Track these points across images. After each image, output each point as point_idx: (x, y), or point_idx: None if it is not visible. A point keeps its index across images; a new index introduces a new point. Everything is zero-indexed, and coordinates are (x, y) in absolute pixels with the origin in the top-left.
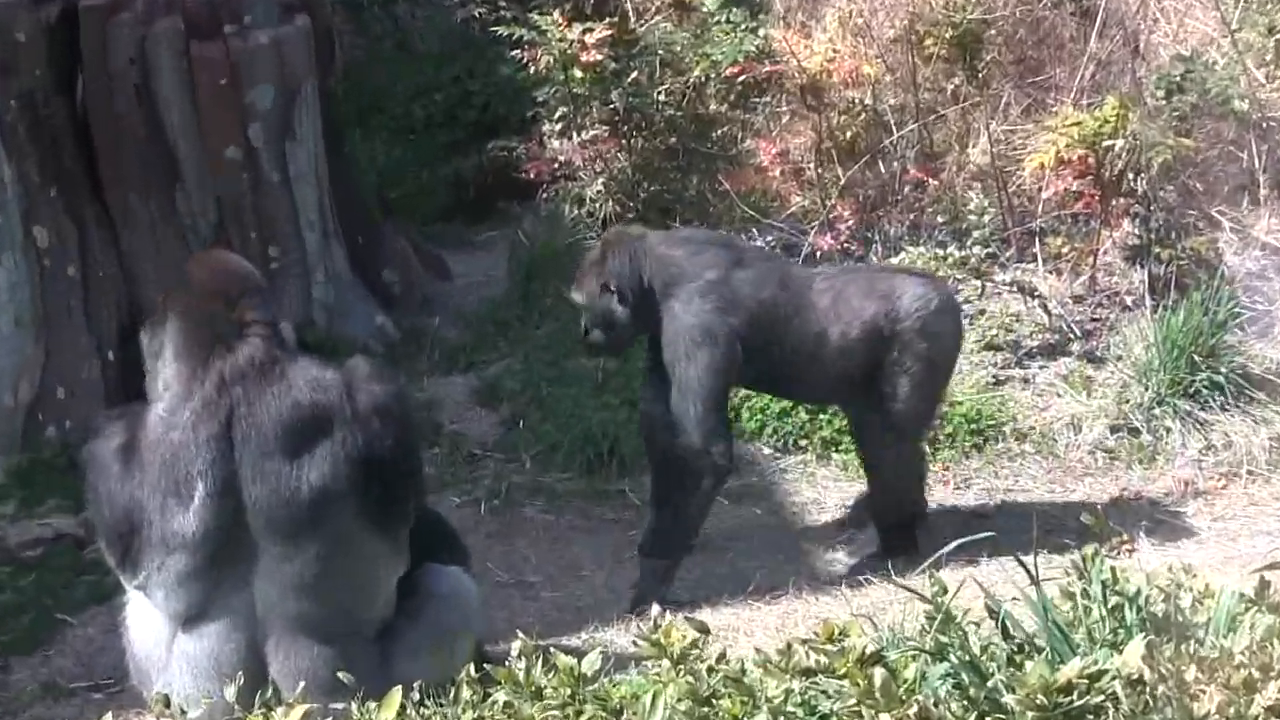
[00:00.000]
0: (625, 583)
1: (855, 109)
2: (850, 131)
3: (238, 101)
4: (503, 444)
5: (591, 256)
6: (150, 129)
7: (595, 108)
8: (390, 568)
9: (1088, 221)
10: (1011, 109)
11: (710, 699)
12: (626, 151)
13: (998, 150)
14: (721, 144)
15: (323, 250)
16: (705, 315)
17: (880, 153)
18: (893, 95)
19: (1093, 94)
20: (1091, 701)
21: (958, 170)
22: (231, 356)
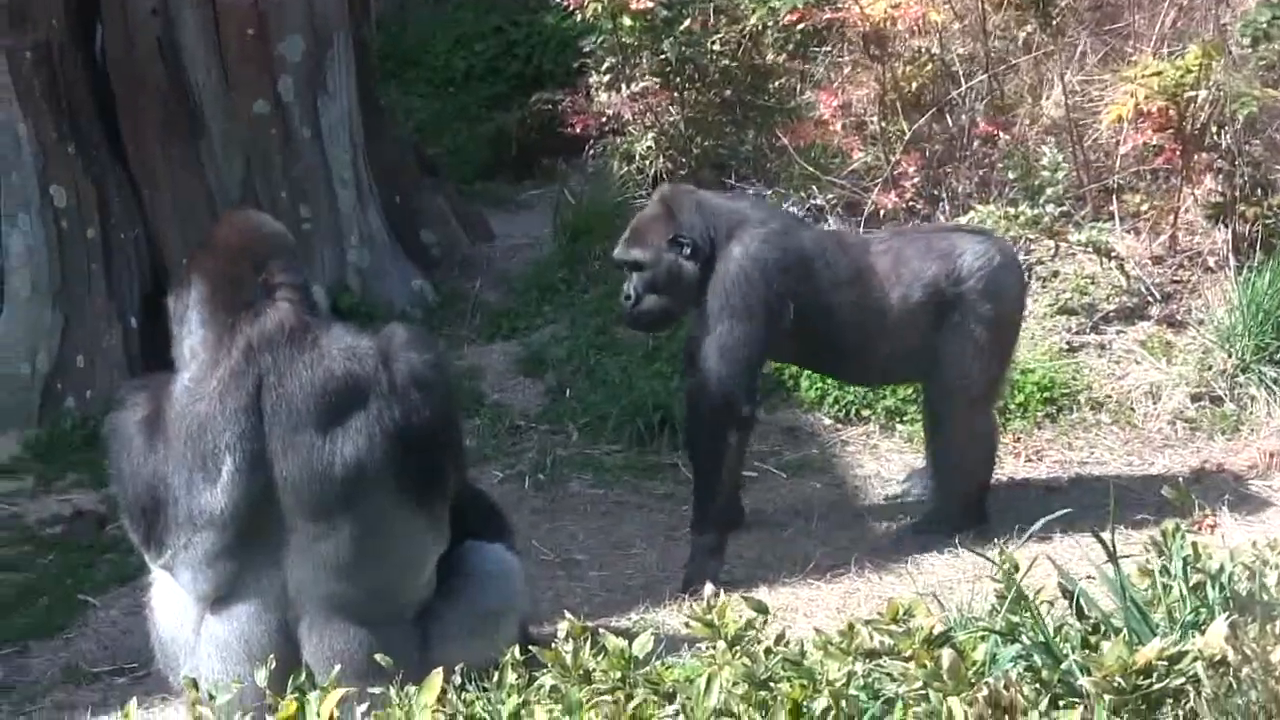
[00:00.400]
0: (677, 561)
1: (921, 58)
2: (916, 82)
3: (266, 53)
4: (548, 415)
5: (650, 212)
6: (173, 83)
7: (645, 58)
8: (429, 546)
9: (1168, 178)
10: (1087, 58)
11: (768, 682)
12: (678, 104)
13: (1073, 102)
14: (779, 96)
15: (357, 210)
16: (761, 263)
17: (948, 105)
18: (961, 44)
19: (1174, 42)
20: (1171, 684)
21: (1030, 123)
22: (259, 322)
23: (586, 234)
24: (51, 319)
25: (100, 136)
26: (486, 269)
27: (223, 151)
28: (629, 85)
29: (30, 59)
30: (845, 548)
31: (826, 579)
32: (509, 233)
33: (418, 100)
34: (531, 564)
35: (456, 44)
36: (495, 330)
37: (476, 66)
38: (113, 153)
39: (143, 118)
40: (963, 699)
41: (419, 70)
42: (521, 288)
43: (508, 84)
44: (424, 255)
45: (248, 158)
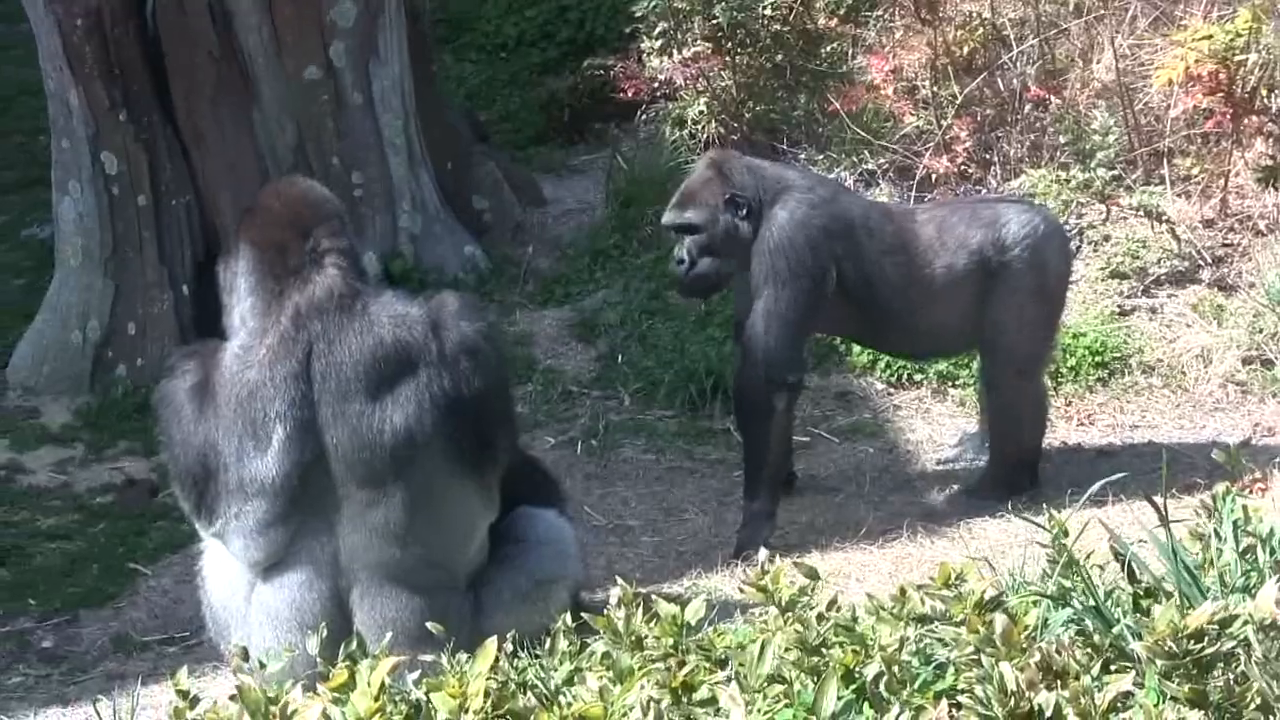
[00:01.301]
0: (729, 527)
1: (973, 22)
2: (967, 46)
3: (318, 19)
4: (600, 380)
5: (701, 175)
6: (225, 49)
7: (697, 23)
8: (481, 514)
9: (1219, 141)
10: (1138, 21)
11: (820, 648)
12: (730, 69)
13: (1123, 66)
14: (831, 61)
15: (409, 176)
16: (808, 228)
17: (999, 69)
18: (1012, 8)
19: (1224, 5)
20: (1222, 648)
21: (1081, 87)
22: (308, 290)
23: (638, 199)
24: (103, 286)
25: (151, 103)
26: (538, 234)
27: (274, 117)
28: (681, 50)
29: (82, 27)
30: (897, 512)
31: (879, 544)
32: (561, 198)
33: (469, 66)
34: (584, 530)
35: (509, 9)
36: (548, 296)
37: (528, 32)
38: (164, 119)
39: (194, 83)
40: (1015, 664)
41: (471, 36)
42: (573, 253)
43: (559, 49)
44: (476, 221)
45: (299, 123)
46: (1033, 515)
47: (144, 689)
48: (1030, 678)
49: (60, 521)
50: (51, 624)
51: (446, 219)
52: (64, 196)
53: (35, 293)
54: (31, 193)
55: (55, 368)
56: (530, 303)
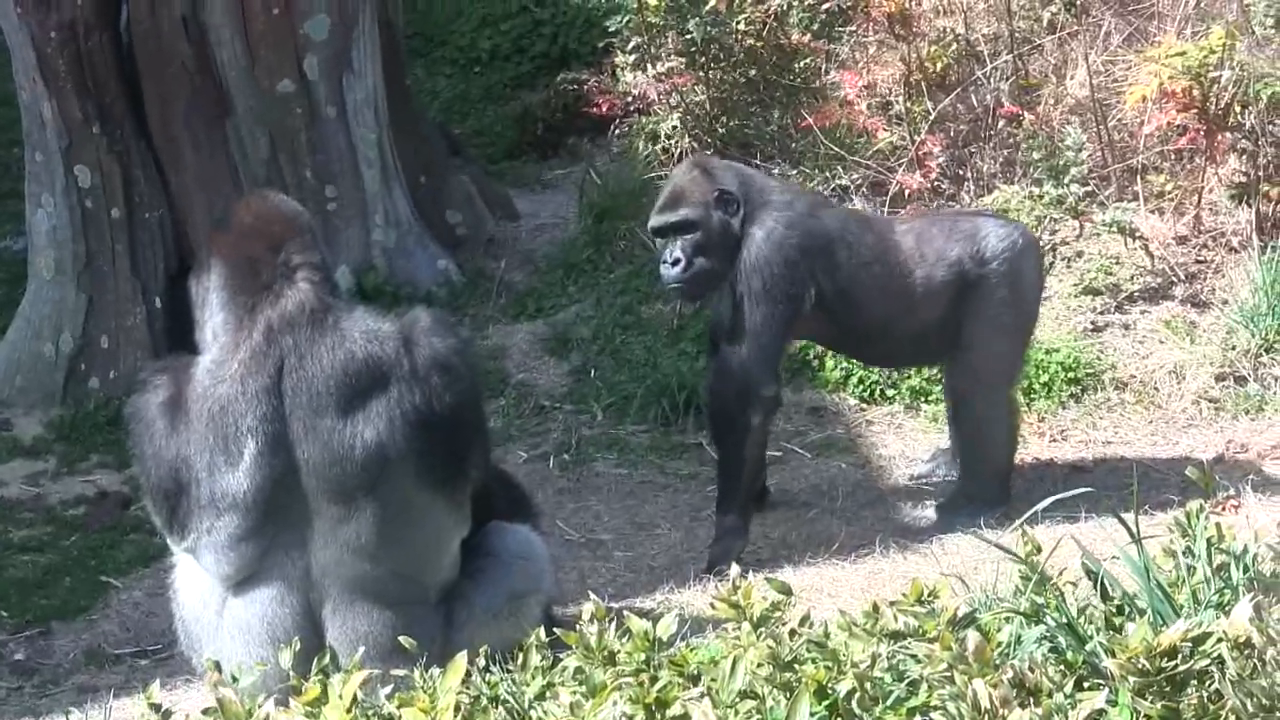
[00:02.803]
0: (702, 541)
1: (946, 38)
2: (940, 62)
3: (292, 32)
4: (573, 395)
5: (687, 175)
6: (199, 62)
7: (671, 38)
8: (452, 530)
9: (1192, 158)
10: (1111, 38)
11: (792, 664)
12: (704, 84)
13: (1097, 82)
14: (804, 76)
15: (382, 190)
16: (785, 249)
17: (972, 85)
18: (985, 23)
19: (1197, 22)
20: (1196, 666)
21: (1054, 103)
22: (279, 304)
23: (612, 214)
24: (75, 299)
25: (125, 116)
26: (512, 249)
27: (248, 131)
28: (654, 65)
29: (56, 39)
30: (870, 528)
31: (851, 559)
32: (534, 212)
33: (443, 80)
34: (556, 544)
35: (482, 24)
36: (520, 310)
37: (502, 46)
38: (137, 132)
39: (168, 97)
40: (988, 681)
41: (445, 50)
42: (546, 267)
43: (533, 64)
44: (449, 235)
45: (273, 137)
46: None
47: (116, 702)
48: (1003, 695)
49: (32, 534)
50: (23, 636)
51: (420, 233)
52: (37, 209)
53: (8, 305)
54: (4, 205)
55: (28, 380)
56: (503, 317)
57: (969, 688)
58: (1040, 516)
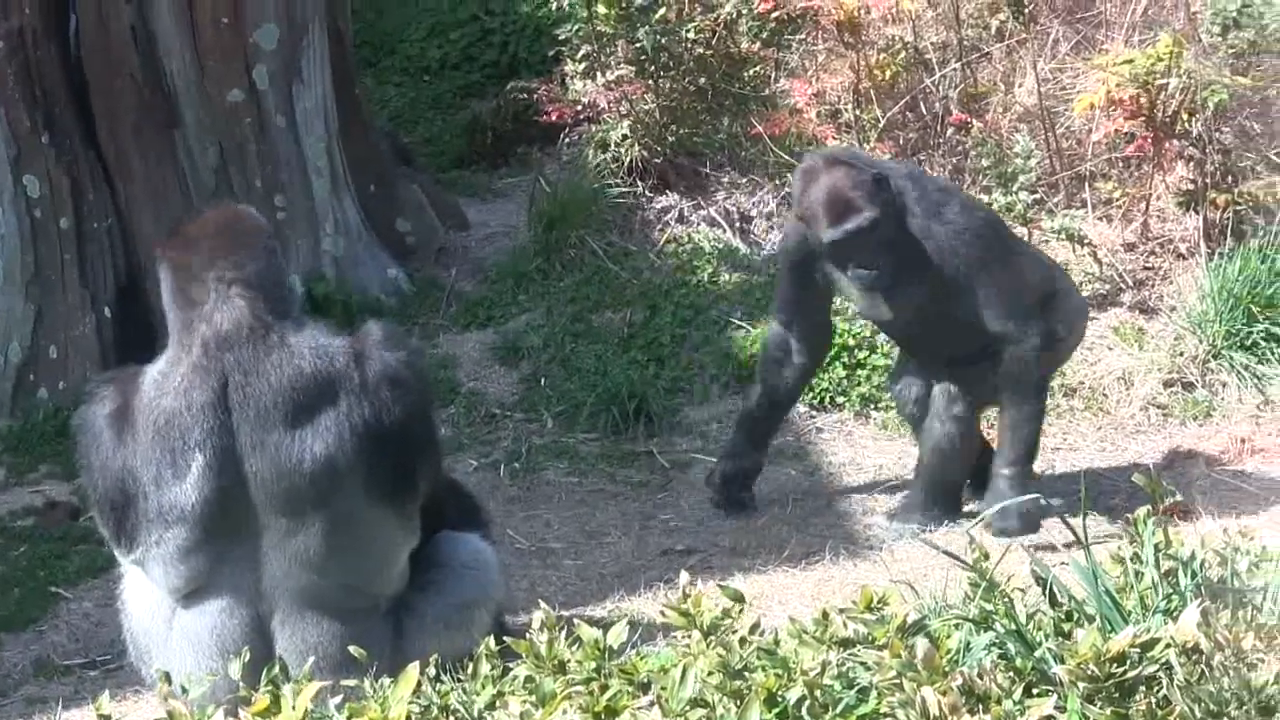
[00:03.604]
0: (652, 549)
1: (895, 47)
2: (889, 71)
3: (241, 42)
4: (523, 403)
5: (851, 178)
6: (147, 72)
7: (621, 46)
8: (402, 542)
9: (1139, 165)
10: (1060, 46)
11: (742, 672)
12: (653, 93)
13: (1045, 90)
14: (754, 85)
15: (332, 199)
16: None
17: (921, 93)
18: (934, 32)
19: (1145, 30)
20: (1144, 672)
21: (1003, 111)
22: (214, 320)
23: (562, 222)
24: (24, 309)
25: (74, 126)
26: (462, 257)
27: (197, 140)
28: (604, 74)
29: (4, 48)
30: (820, 535)
31: (801, 566)
32: (484, 221)
33: (393, 89)
34: (506, 553)
35: (432, 32)
36: (470, 319)
37: (452, 55)
38: (86, 142)
39: (117, 106)
40: (937, 688)
41: (394, 59)
42: (496, 276)
43: (483, 73)
44: (399, 244)
45: (222, 146)
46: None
47: (65, 713)
48: (952, 702)
49: None
50: None
51: (369, 242)
52: None
53: None
54: None
55: None
56: (453, 325)
57: (918, 695)
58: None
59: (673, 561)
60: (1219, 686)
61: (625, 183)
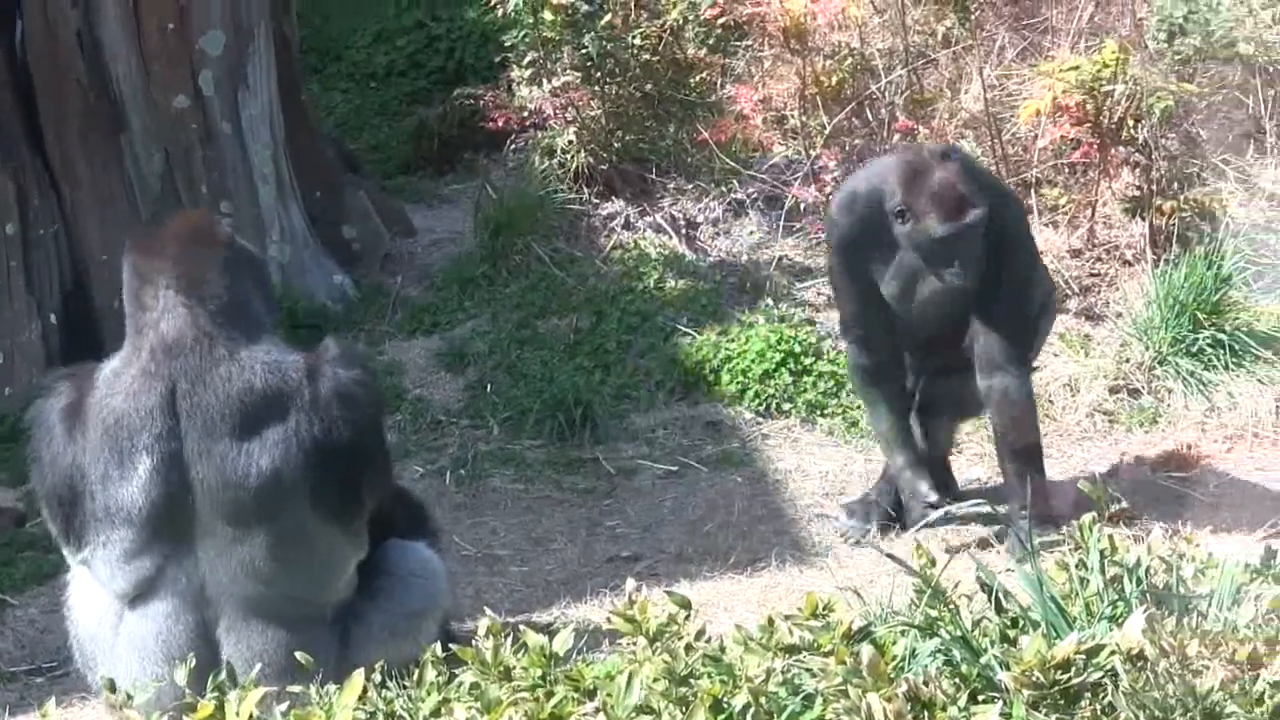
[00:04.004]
0: (598, 556)
1: (841, 53)
2: (836, 77)
3: (187, 48)
4: (469, 410)
5: (962, 174)
6: (94, 77)
7: (567, 53)
8: (348, 555)
9: (1085, 171)
10: (1006, 53)
11: (688, 678)
12: (600, 99)
13: (991, 96)
14: (700, 91)
15: (278, 205)
16: None
17: (867, 99)
18: (881, 38)
19: (1091, 37)
20: (1089, 679)
21: (949, 118)
22: (160, 328)
23: (508, 229)
24: None
25: (20, 131)
26: (408, 264)
27: (143, 146)
28: (550, 80)
29: None
30: (766, 541)
31: (747, 573)
32: (430, 227)
33: (339, 95)
34: (453, 560)
35: (378, 39)
36: (416, 325)
37: (398, 61)
38: (33, 148)
39: (63, 112)
40: (882, 695)
41: (340, 65)
42: (442, 283)
43: (429, 79)
44: (345, 250)
45: (168, 153)
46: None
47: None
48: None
49: None
50: None
51: (315, 248)
52: None
53: None
54: None
55: None
56: (399, 332)
57: (863, 701)
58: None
59: (619, 568)
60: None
61: (571, 189)
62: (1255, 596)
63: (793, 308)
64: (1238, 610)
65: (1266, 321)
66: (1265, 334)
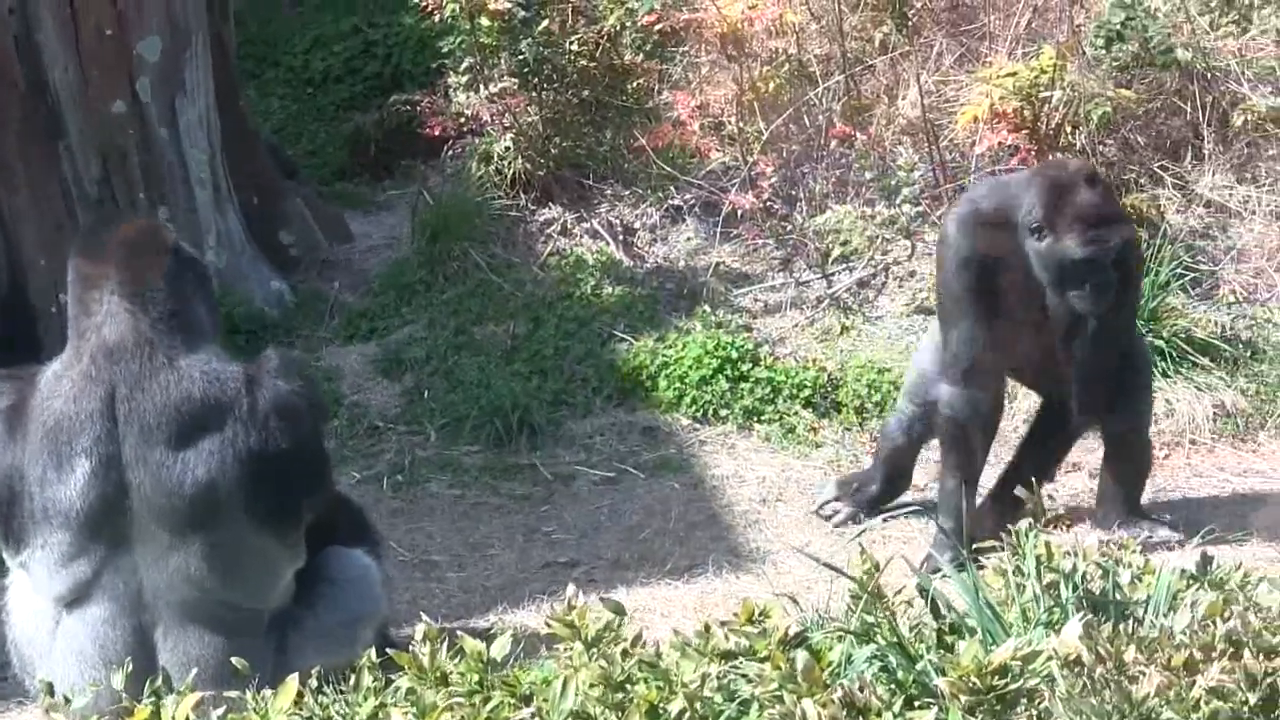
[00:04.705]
0: (535, 562)
1: (778, 59)
2: (773, 83)
3: (125, 53)
4: (406, 416)
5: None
6: (31, 82)
7: (504, 59)
8: (285, 564)
9: None
10: (943, 59)
11: (624, 684)
12: (536, 105)
13: (929, 103)
14: (637, 97)
15: (215, 211)
16: None
17: (805, 106)
18: (818, 45)
19: (1028, 43)
20: (1026, 684)
21: (886, 124)
22: (102, 333)
23: (445, 235)
24: None
25: None
26: (345, 270)
27: (80, 151)
28: (487, 86)
29: None
30: (703, 548)
31: (684, 579)
32: (368, 233)
33: (276, 101)
34: (390, 566)
35: (314, 44)
36: (353, 331)
37: (334, 67)
38: None
39: (1, 118)
40: (817, 700)
41: (277, 71)
42: (379, 289)
43: (366, 85)
44: (282, 256)
45: (105, 158)
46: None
47: None
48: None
49: None
50: None
51: (253, 254)
52: None
53: None
54: None
55: None
56: (336, 338)
57: (799, 707)
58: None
59: (556, 574)
60: (1100, 699)
61: (509, 195)
62: (1191, 603)
63: (730, 314)
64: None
65: (1204, 328)
66: (1203, 341)
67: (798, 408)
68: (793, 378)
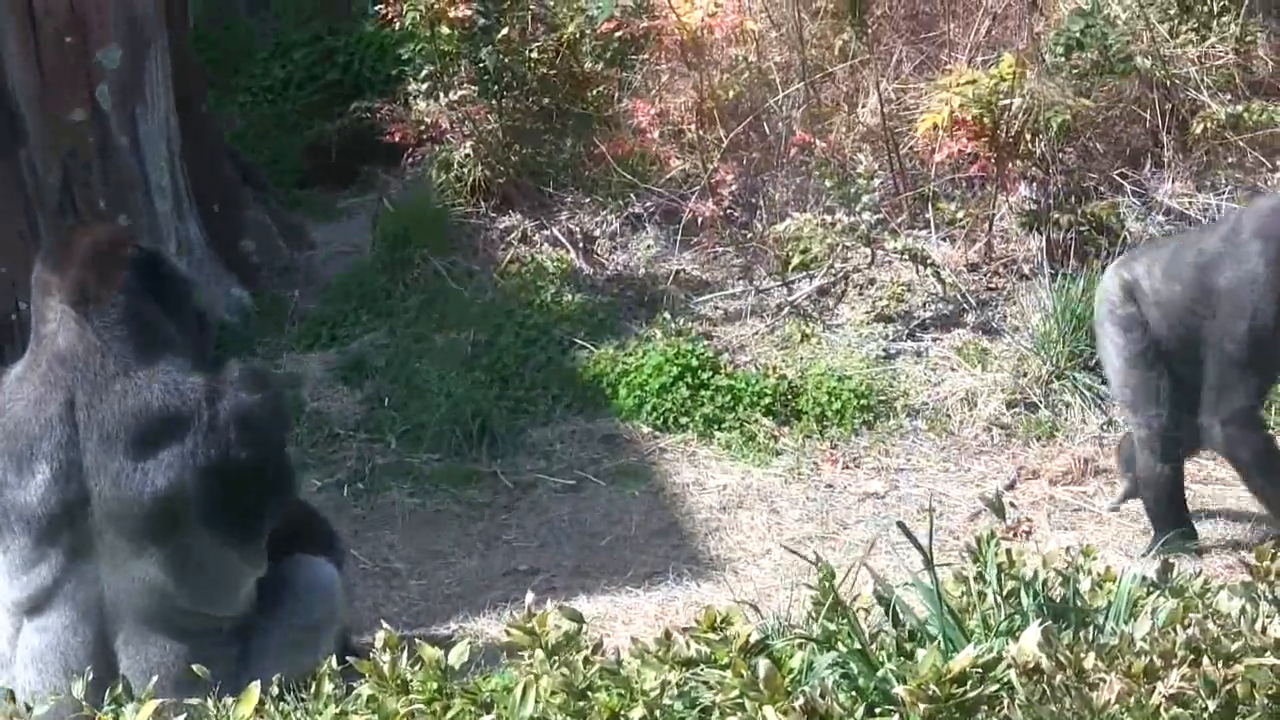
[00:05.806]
0: (496, 569)
1: (738, 67)
2: (733, 91)
3: (84, 61)
4: (366, 423)
5: None
6: None
7: (464, 66)
8: (246, 573)
9: (983, 185)
10: (903, 66)
11: (585, 691)
12: (496, 113)
13: (888, 110)
14: (597, 105)
15: (175, 218)
16: None
17: (764, 113)
18: (778, 52)
19: (988, 51)
20: (986, 692)
21: (846, 131)
22: (55, 342)
23: (405, 242)
24: None
25: None
26: (306, 277)
27: (41, 159)
28: (447, 94)
29: None
30: (663, 556)
31: (645, 587)
32: (328, 241)
33: (236, 108)
34: (351, 573)
35: (275, 52)
36: (314, 339)
37: (295, 74)
38: None
39: None
40: (778, 708)
41: (238, 78)
42: (340, 296)
43: (327, 92)
44: (243, 264)
45: (65, 166)
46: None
47: None
48: None
49: None
50: None
51: (213, 262)
52: None
53: None
54: None
55: None
56: (296, 345)
57: (760, 715)
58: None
59: (516, 582)
60: (1060, 706)
61: (469, 203)
62: (1152, 610)
63: (690, 322)
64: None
65: None
66: None
67: (758, 415)
68: (753, 385)
